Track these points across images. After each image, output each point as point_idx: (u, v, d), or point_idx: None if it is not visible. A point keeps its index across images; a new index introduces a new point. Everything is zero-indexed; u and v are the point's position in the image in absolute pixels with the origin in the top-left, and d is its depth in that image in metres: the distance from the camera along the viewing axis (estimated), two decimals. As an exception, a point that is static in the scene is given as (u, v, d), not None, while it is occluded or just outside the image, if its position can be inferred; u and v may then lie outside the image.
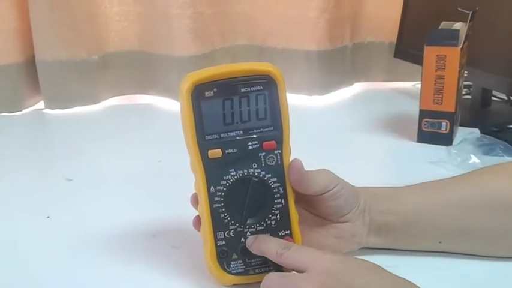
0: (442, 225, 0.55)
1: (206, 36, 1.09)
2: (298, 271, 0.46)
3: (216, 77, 0.49)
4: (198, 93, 0.49)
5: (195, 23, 1.06)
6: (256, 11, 1.11)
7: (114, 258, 0.58)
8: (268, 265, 0.51)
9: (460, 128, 0.90)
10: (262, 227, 0.51)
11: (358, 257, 0.54)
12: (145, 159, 0.84)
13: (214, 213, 0.50)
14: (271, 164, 0.51)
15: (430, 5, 1.03)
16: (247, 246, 0.50)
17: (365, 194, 0.55)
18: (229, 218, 0.50)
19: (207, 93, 0.49)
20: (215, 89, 0.49)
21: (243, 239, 0.51)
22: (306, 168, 0.52)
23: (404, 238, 0.55)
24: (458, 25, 0.84)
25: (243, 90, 0.49)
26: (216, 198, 0.50)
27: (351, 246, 0.55)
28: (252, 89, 0.50)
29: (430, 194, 0.56)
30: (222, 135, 0.50)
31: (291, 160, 0.51)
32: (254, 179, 0.50)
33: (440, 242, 0.55)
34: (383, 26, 1.15)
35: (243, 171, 0.50)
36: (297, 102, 1.08)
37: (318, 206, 0.53)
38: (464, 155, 0.80)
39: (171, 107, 1.09)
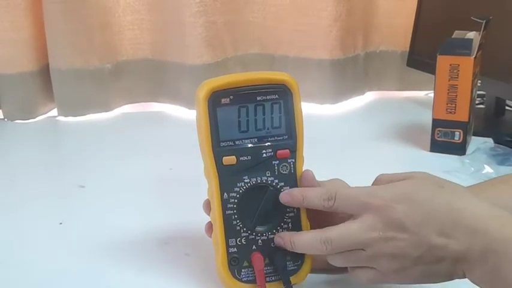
0: None
1: (218, 44, 1.09)
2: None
3: (233, 84, 0.50)
4: (215, 100, 0.49)
5: (207, 32, 1.06)
6: (269, 19, 1.12)
7: (126, 265, 0.58)
8: (279, 274, 0.50)
9: (473, 137, 0.89)
10: (274, 235, 0.51)
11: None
12: (157, 167, 0.84)
13: (227, 220, 0.50)
14: (284, 172, 0.51)
15: (443, 14, 1.03)
16: (281, 201, 0.50)
17: None
18: (241, 225, 0.50)
19: (223, 100, 0.49)
20: (231, 97, 0.49)
21: (254, 247, 0.50)
22: (318, 177, 0.52)
23: None
24: (471, 34, 0.84)
25: (258, 98, 0.50)
26: (229, 205, 0.50)
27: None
28: (268, 97, 0.50)
29: None
30: (236, 142, 0.50)
31: (302, 171, 0.51)
32: (270, 188, 0.50)
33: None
34: (395, 35, 1.15)
35: (257, 178, 0.50)
36: (309, 111, 1.07)
37: (330, 216, 0.53)
38: (478, 165, 0.79)
39: (183, 114, 1.10)
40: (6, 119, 1.09)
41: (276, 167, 0.51)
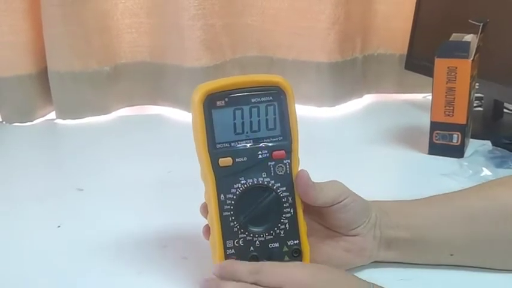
0: (453, 239, 0.55)
1: (217, 47, 1.09)
2: None
3: (228, 87, 0.50)
4: (210, 103, 0.50)
5: (206, 35, 1.07)
6: (267, 22, 1.12)
7: (124, 268, 0.58)
8: None
9: (471, 140, 0.89)
10: (271, 236, 0.51)
11: (370, 269, 0.54)
12: (155, 170, 0.84)
13: (224, 222, 0.50)
14: (280, 173, 0.51)
15: (441, 17, 1.03)
16: (214, 274, 0.49)
17: (376, 208, 0.55)
18: (238, 227, 0.50)
19: (218, 103, 0.50)
20: (226, 99, 0.50)
21: (252, 248, 0.51)
22: (316, 180, 0.52)
23: (415, 252, 0.55)
24: (469, 37, 0.84)
25: (253, 100, 0.50)
26: (226, 207, 0.50)
27: (361, 260, 0.55)
28: (262, 99, 0.51)
29: (440, 208, 0.56)
30: (232, 144, 0.50)
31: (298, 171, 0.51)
32: (273, 192, 0.51)
33: (451, 255, 0.55)
34: (393, 38, 1.15)
35: (253, 180, 0.50)
36: (307, 114, 1.08)
37: (328, 217, 0.53)
38: (476, 168, 0.79)
39: (181, 117, 1.10)
40: (4, 122, 1.10)
41: (272, 168, 0.51)
